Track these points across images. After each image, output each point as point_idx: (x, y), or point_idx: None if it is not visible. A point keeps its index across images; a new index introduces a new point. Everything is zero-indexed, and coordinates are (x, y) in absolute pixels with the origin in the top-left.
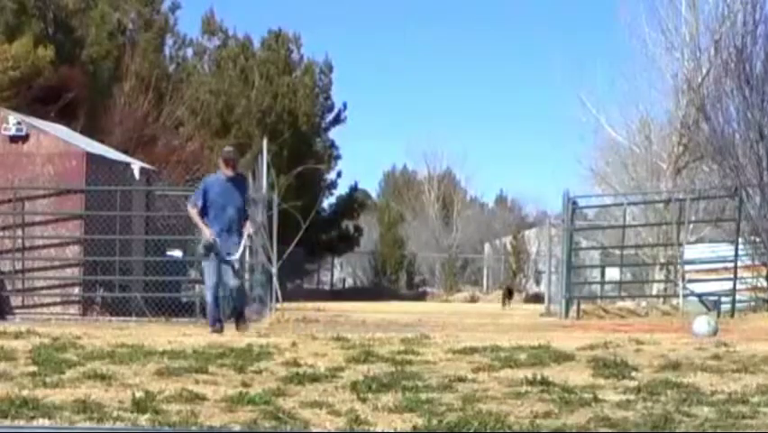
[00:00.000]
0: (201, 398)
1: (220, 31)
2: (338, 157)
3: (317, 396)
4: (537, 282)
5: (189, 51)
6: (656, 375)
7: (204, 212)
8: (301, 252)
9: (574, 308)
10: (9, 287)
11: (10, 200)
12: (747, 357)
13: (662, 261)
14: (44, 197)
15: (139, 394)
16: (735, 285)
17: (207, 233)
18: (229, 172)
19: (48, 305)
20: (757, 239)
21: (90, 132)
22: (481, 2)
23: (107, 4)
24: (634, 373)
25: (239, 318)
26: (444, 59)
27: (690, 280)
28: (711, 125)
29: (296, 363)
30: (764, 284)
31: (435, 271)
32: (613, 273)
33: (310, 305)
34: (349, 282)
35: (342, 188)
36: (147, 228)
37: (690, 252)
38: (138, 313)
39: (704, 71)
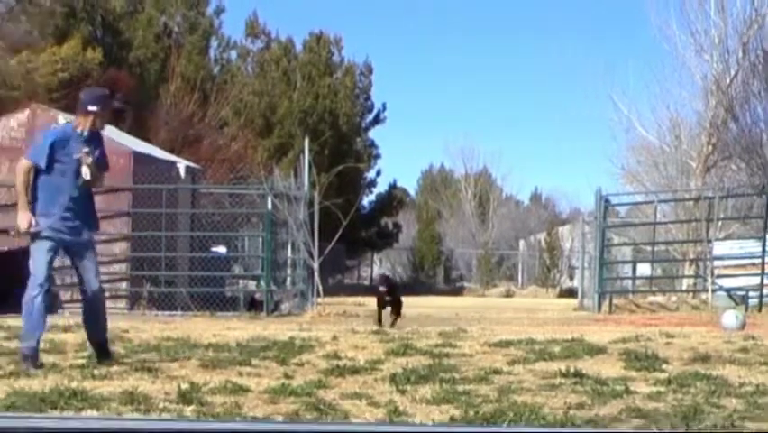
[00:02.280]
0: (244, 390)
1: (263, 33)
2: (377, 156)
3: (357, 388)
4: (571, 278)
5: (233, 54)
6: (686, 368)
7: None
8: (342, 248)
9: (606, 302)
10: (59, 282)
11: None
12: None
13: (692, 257)
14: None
15: (184, 386)
16: (762, 280)
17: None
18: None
19: None
20: None
21: (137, 131)
22: (517, 7)
23: (154, 8)
24: (664, 366)
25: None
26: (481, 62)
27: (719, 276)
28: (739, 125)
29: (336, 356)
30: None
31: (472, 267)
32: (644, 269)
33: (350, 300)
34: None
35: (381, 187)
36: (192, 225)
37: (719, 248)
38: (183, 307)
39: (732, 73)
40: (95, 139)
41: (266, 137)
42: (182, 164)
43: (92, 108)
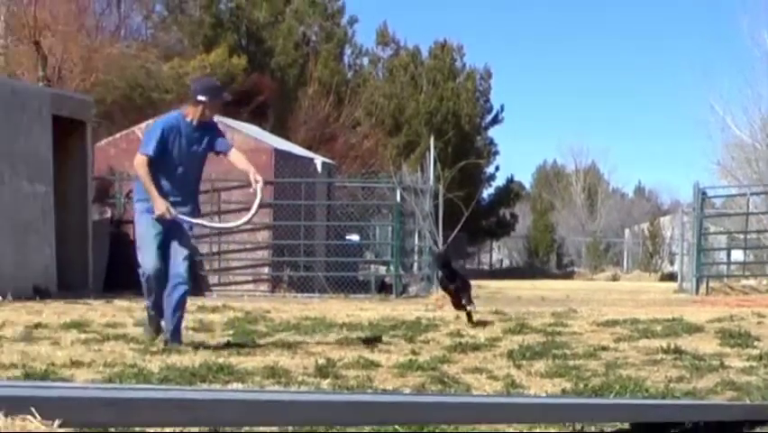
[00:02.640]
0: (376, 364)
1: (393, 42)
2: (496, 153)
3: (478, 363)
4: (671, 263)
5: (365, 60)
6: None
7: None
8: (464, 236)
9: (703, 285)
10: (207, 267)
11: (208, 191)
12: None
13: None
14: (237, 188)
15: (321, 361)
16: None
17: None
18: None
19: (241, 283)
20: None
21: (278, 131)
22: (621, 17)
23: (294, 19)
24: (756, 343)
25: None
26: (589, 68)
27: None
28: None
29: (459, 334)
30: None
31: (581, 253)
32: (738, 255)
33: (472, 283)
34: (506, 263)
35: (499, 180)
36: (328, 215)
37: None
38: (320, 290)
39: None
40: (208, 128)
41: (395, 136)
42: (319, 160)
43: (201, 98)
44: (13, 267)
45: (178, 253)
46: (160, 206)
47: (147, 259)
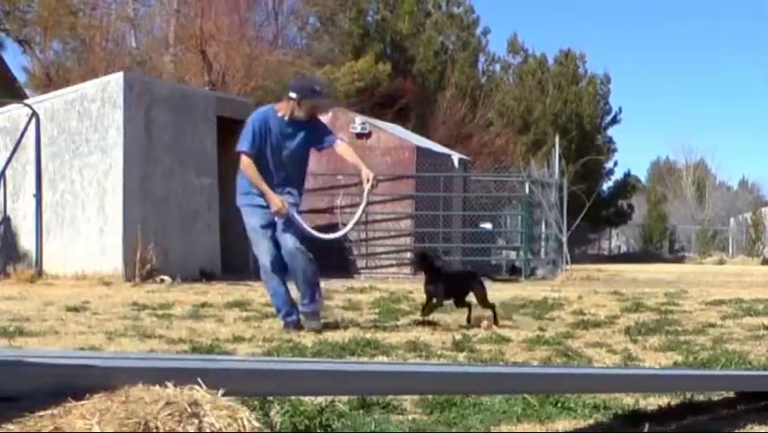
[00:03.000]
0: (506, 340)
1: (522, 50)
2: (614, 150)
3: (598, 338)
4: None
5: (497, 67)
6: None
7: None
8: (585, 224)
9: None
10: (355, 252)
11: (356, 184)
12: None
13: None
14: (383, 181)
15: (458, 337)
16: None
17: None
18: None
19: (386, 266)
20: None
21: (419, 130)
22: (727, 27)
23: (433, 30)
24: None
25: None
26: (697, 73)
27: None
28: None
29: (581, 312)
30: None
31: (691, 240)
32: None
33: (592, 267)
34: (623, 249)
35: (617, 175)
36: (464, 206)
37: None
38: None
39: None
40: (307, 125)
41: (524, 134)
42: (456, 156)
43: (291, 95)
44: (182, 252)
45: (288, 240)
46: (276, 202)
47: (262, 251)
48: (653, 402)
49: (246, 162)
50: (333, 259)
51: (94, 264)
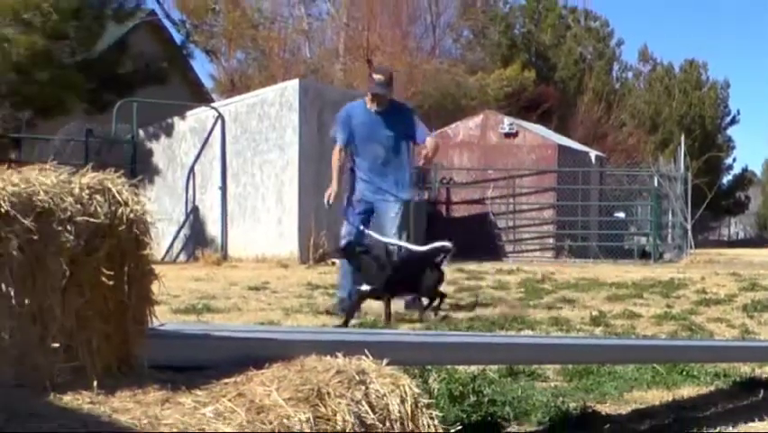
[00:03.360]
0: (637, 315)
1: (651, 59)
2: (733, 147)
3: (719, 314)
4: None
5: (630, 74)
6: None
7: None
8: (707, 214)
9: None
10: (504, 238)
11: (505, 178)
12: None
13: None
14: (528, 175)
15: (594, 313)
16: None
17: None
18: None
19: (530, 251)
20: None
21: (560, 130)
22: None
23: (573, 41)
24: None
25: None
26: None
27: None
28: None
29: (704, 291)
30: None
31: None
32: None
33: (713, 251)
34: (741, 235)
35: (736, 170)
36: (600, 197)
37: None
38: (594, 256)
39: None
40: (395, 114)
41: (653, 134)
42: (593, 153)
43: (374, 90)
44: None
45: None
46: (328, 191)
47: (346, 227)
48: None
49: (334, 150)
50: (485, 244)
51: (272, 249)
